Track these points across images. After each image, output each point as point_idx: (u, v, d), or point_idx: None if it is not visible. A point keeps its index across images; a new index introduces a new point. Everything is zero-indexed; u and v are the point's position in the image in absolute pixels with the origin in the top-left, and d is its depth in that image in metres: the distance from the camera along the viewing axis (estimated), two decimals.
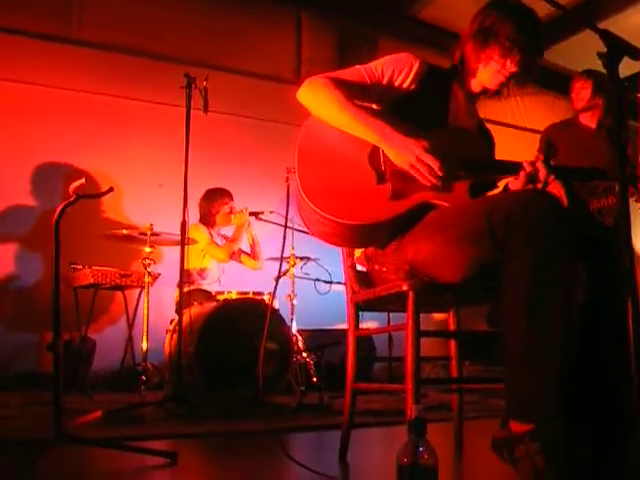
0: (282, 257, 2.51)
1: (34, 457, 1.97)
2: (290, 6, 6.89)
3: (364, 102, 2.13)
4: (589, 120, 4.09)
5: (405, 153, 1.95)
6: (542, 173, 2.02)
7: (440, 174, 1.94)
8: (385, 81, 2.12)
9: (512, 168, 2.07)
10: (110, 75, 5.86)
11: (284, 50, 6.89)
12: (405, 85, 2.14)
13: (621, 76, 1.56)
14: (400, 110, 2.12)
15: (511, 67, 2.10)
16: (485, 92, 2.23)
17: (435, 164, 1.93)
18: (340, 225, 1.96)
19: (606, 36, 1.55)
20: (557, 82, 5.94)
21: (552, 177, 2.04)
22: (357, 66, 2.15)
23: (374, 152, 2.04)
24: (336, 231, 2.01)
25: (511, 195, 1.84)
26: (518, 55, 2.07)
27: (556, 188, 2.90)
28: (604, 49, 1.54)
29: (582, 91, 4.02)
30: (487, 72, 2.14)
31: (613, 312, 1.69)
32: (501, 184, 2.15)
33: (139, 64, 6.00)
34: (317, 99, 2.07)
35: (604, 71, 1.55)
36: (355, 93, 2.09)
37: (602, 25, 1.56)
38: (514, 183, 2.09)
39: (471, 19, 2.17)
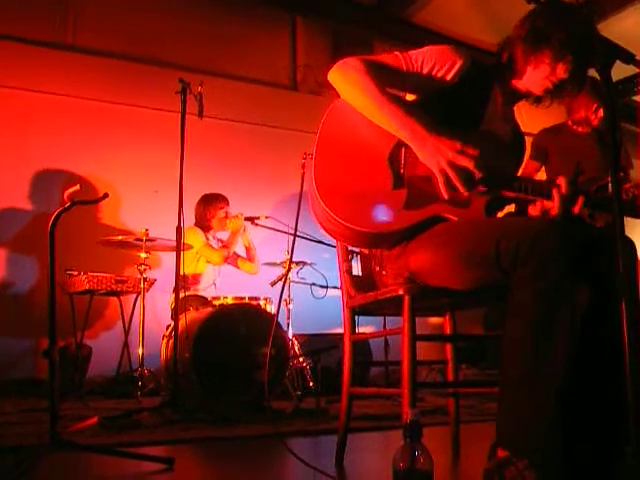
0: (292, 252, 2.48)
1: (30, 464, 1.97)
2: (285, 11, 6.91)
3: (397, 91, 2.04)
4: (578, 123, 4.11)
5: (436, 155, 1.85)
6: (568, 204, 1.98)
7: (477, 175, 1.85)
8: (424, 73, 2.01)
9: (539, 192, 1.98)
10: (105, 81, 5.86)
11: (279, 55, 6.91)
12: (444, 81, 2.02)
13: (614, 79, 1.56)
14: (434, 105, 2.03)
15: (560, 73, 1.99)
16: (527, 96, 2.13)
17: (470, 164, 1.83)
18: (349, 229, 1.93)
19: (599, 40, 1.55)
20: None
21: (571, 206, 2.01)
22: (396, 52, 2.03)
23: (396, 151, 1.98)
24: (344, 232, 1.97)
25: (523, 224, 1.75)
26: (568, 61, 1.97)
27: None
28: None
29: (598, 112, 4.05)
30: (535, 76, 2.03)
31: (614, 333, 1.65)
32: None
33: (134, 70, 6.01)
34: (348, 84, 1.98)
35: (597, 75, 1.55)
36: (389, 81, 1.99)
37: None
38: (535, 210, 2.02)
39: (520, 20, 2.06)
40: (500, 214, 2.13)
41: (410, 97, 2.13)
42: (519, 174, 2.25)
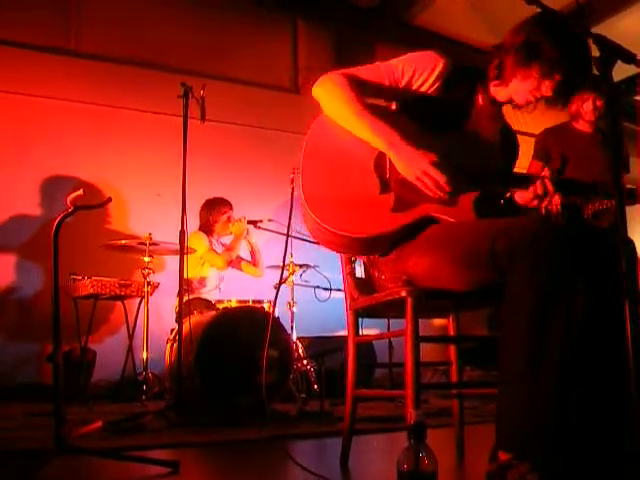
0: (285, 260, 2.49)
1: (35, 468, 1.97)
2: (286, 14, 6.91)
3: (380, 100, 2.10)
4: (583, 125, 4.11)
5: (411, 165, 1.92)
6: (550, 191, 2.02)
7: (447, 189, 1.91)
8: (404, 81, 2.06)
9: (521, 182, 2.05)
10: (108, 85, 5.88)
11: (281, 58, 6.92)
12: (425, 87, 2.07)
13: (615, 79, 1.57)
14: (417, 110, 2.08)
15: (546, 91, 2.02)
16: (510, 102, 2.15)
17: (441, 179, 1.90)
18: (340, 236, 1.96)
19: (599, 40, 1.56)
20: None
21: (557, 195, 2.03)
22: (377, 63, 2.09)
23: (380, 157, 2.02)
24: (337, 240, 2.00)
25: (517, 223, 1.76)
26: (556, 80, 1.99)
27: (554, 206, 2.88)
28: (598, 53, 1.55)
29: (585, 104, 4.05)
30: (520, 88, 2.06)
31: (611, 330, 1.65)
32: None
33: (136, 74, 6.02)
34: (329, 97, 2.04)
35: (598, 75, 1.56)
36: (371, 91, 2.06)
37: (595, 30, 1.57)
38: (521, 195, 2.08)
39: (517, 27, 2.06)
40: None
41: (394, 105, 2.17)
42: (515, 169, 2.28)
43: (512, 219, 1.95)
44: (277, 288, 2.53)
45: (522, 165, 3.83)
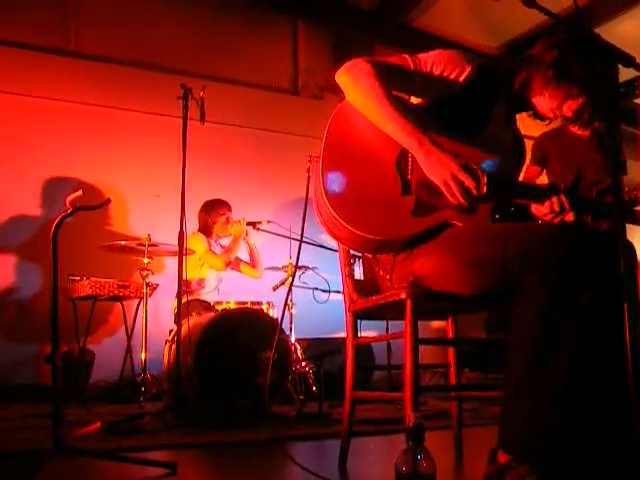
0: (298, 257, 2.47)
1: (34, 469, 1.97)
2: (286, 16, 6.92)
3: (404, 94, 2.06)
4: (577, 127, 4.12)
5: (441, 168, 1.86)
6: (566, 208, 2.01)
7: (475, 193, 1.87)
8: (433, 77, 2.01)
9: (539, 194, 2.04)
10: (107, 86, 5.88)
11: (280, 59, 6.92)
12: (453, 86, 2.02)
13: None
14: (440, 109, 2.05)
15: (567, 112, 2.02)
16: (529, 110, 2.15)
17: (470, 183, 1.86)
18: (357, 235, 1.92)
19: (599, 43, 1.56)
20: None
21: (572, 213, 2.03)
22: (405, 55, 2.02)
23: (403, 156, 1.97)
24: (351, 237, 1.96)
25: (530, 230, 1.77)
26: (579, 103, 1.99)
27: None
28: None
29: None
30: (543, 103, 2.05)
31: (614, 327, 1.64)
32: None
33: (136, 75, 6.03)
34: (356, 87, 1.96)
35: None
36: (397, 84, 1.99)
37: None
38: (537, 208, 2.07)
39: (549, 42, 2.03)
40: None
41: (416, 100, 2.13)
42: (520, 178, 2.27)
43: (525, 225, 1.94)
44: (289, 289, 2.52)
45: None
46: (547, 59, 2.00)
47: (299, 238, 2.32)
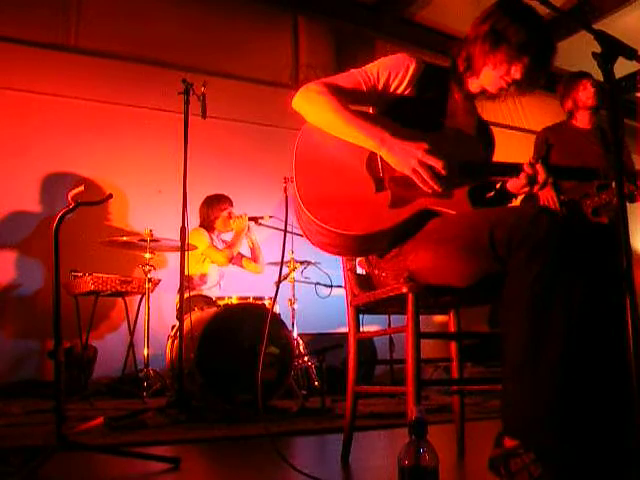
0: (282, 263, 2.50)
1: (36, 464, 1.97)
2: (287, 10, 6.91)
3: (360, 106, 2.12)
4: (582, 121, 4.11)
5: (406, 158, 1.93)
6: (541, 176, 2.01)
7: (444, 173, 1.92)
8: (381, 85, 2.10)
9: (511, 170, 2.06)
10: (109, 82, 5.87)
11: (281, 54, 6.91)
12: (401, 88, 2.11)
13: (617, 75, 1.56)
14: (396, 113, 2.11)
15: (515, 74, 2.05)
16: (483, 93, 2.18)
17: (438, 164, 1.91)
18: (339, 235, 1.95)
19: (601, 37, 1.55)
20: (554, 83, 5.99)
21: (550, 179, 2.04)
22: (352, 70, 2.12)
23: (371, 159, 2.02)
24: (335, 241, 1.99)
25: (515, 212, 1.80)
26: (524, 63, 2.02)
27: (549, 192, 2.90)
28: (599, 49, 1.55)
29: (582, 92, 4.06)
30: (491, 75, 2.09)
31: (611, 317, 1.66)
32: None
33: (137, 71, 6.02)
34: (312, 107, 2.05)
35: (600, 71, 1.56)
36: (350, 98, 2.08)
37: (597, 26, 1.56)
38: (513, 184, 2.08)
39: (480, 17, 2.11)
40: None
41: (372, 110, 2.20)
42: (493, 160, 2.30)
43: (510, 208, 1.98)
44: (277, 285, 2.52)
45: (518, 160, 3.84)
46: (481, 32, 2.08)
47: (299, 234, 2.31)
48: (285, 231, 2.42)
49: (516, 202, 2.34)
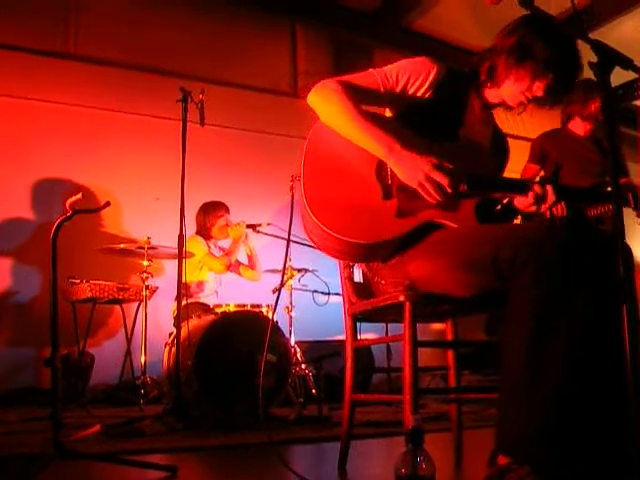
0: (285, 267, 2.50)
1: (33, 472, 1.97)
2: (285, 18, 6.93)
3: (376, 107, 2.09)
4: (578, 128, 4.12)
5: (413, 170, 1.90)
6: (550, 198, 2.01)
7: (449, 191, 1.89)
8: (399, 88, 2.07)
9: (520, 188, 2.05)
10: (107, 89, 5.88)
11: (280, 62, 6.92)
12: (420, 93, 2.08)
13: (613, 84, 1.57)
14: (413, 117, 2.09)
15: (537, 91, 2.04)
16: (501, 104, 2.18)
17: (444, 181, 1.88)
18: (343, 242, 1.94)
19: (597, 46, 1.56)
20: None
21: (558, 201, 2.03)
22: (371, 70, 2.09)
23: (381, 165, 2.01)
24: (338, 246, 1.98)
25: (521, 230, 1.78)
26: (548, 80, 2.02)
27: (560, 209, 2.89)
28: (595, 59, 1.56)
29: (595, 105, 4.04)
30: (512, 89, 2.08)
31: (612, 332, 1.63)
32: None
33: (135, 79, 6.03)
34: (327, 106, 2.03)
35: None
36: (366, 98, 2.05)
37: (593, 35, 1.57)
38: (521, 201, 2.07)
39: (507, 29, 2.09)
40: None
41: (389, 112, 2.18)
42: (504, 174, 2.29)
43: (516, 225, 1.96)
44: (277, 292, 2.52)
45: (516, 169, 3.84)
46: (507, 44, 2.06)
47: (299, 241, 2.32)
48: (289, 235, 2.41)
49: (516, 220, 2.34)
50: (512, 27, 2.08)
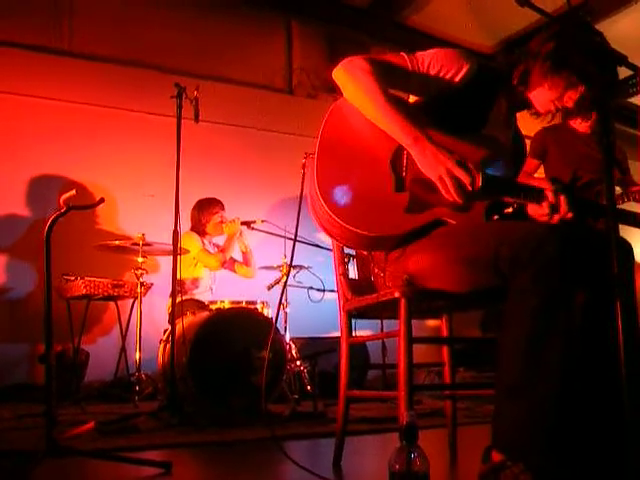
0: (292, 258, 2.47)
1: (27, 469, 1.96)
2: (280, 15, 6.91)
3: (401, 92, 2.05)
4: (578, 124, 4.12)
5: (436, 163, 1.86)
6: (563, 208, 1.97)
7: (469, 189, 1.86)
8: (430, 75, 2.00)
9: (534, 195, 2.00)
10: (101, 86, 5.86)
11: (275, 58, 6.91)
12: (450, 84, 2.02)
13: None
14: (437, 107, 2.05)
15: (568, 102, 2.00)
16: (528, 108, 2.12)
17: (466, 178, 1.85)
18: (349, 231, 1.92)
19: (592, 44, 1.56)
20: None
21: (571, 213, 1.99)
22: (402, 53, 2.02)
23: (397, 155, 1.97)
24: (344, 234, 1.97)
25: (522, 230, 1.75)
26: (580, 93, 1.97)
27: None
28: None
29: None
30: (544, 96, 2.03)
31: (610, 332, 1.63)
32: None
33: (130, 74, 6.00)
34: (353, 84, 1.96)
35: None
36: (394, 82, 1.99)
37: None
38: (534, 209, 2.03)
39: (546, 34, 2.02)
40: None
41: (413, 98, 2.13)
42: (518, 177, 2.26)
43: (518, 224, 1.92)
44: (283, 289, 2.51)
45: None
46: (544, 50, 1.99)
47: (293, 236, 2.31)
48: (298, 213, 2.36)
49: None
50: (551, 32, 2.01)
